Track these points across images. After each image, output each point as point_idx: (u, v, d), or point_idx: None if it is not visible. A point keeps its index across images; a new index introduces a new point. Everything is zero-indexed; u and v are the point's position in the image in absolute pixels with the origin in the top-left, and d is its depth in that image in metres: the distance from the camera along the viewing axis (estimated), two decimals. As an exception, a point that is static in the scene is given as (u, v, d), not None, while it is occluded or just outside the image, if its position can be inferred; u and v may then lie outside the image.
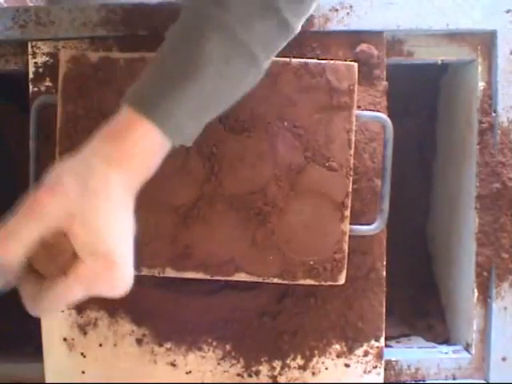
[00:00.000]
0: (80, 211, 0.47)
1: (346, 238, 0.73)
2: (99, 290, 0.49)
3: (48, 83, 0.81)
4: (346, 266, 0.74)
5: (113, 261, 0.48)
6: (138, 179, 0.53)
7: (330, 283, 0.74)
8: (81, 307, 0.82)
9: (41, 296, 0.48)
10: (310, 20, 0.80)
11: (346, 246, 0.73)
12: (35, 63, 0.82)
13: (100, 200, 0.48)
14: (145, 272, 0.74)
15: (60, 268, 0.48)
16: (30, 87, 0.82)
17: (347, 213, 0.73)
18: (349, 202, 0.73)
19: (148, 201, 0.72)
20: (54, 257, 0.48)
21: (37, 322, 0.83)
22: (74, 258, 0.48)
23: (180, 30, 0.56)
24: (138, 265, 0.74)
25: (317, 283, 0.74)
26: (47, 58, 0.81)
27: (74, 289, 0.48)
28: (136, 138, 0.51)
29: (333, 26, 0.80)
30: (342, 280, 0.74)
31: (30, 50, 0.81)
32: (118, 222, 0.49)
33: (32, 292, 0.49)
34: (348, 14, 0.80)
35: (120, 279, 0.50)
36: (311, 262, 0.73)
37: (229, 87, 0.56)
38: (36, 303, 0.49)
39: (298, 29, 0.59)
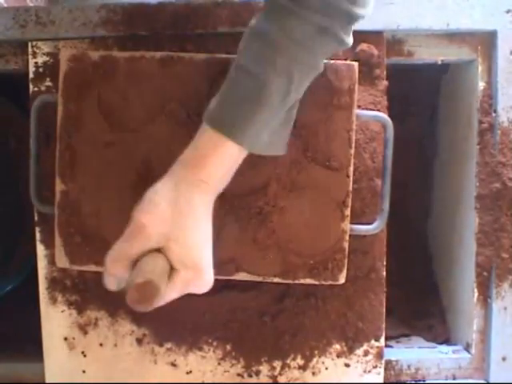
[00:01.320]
0: (173, 231, 0.58)
1: (347, 237, 0.73)
2: (190, 291, 0.60)
3: (48, 83, 0.81)
4: (346, 265, 0.74)
5: (200, 269, 0.59)
6: (216, 193, 0.62)
7: (330, 282, 0.74)
8: (81, 307, 0.83)
9: None
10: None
11: (346, 245, 0.73)
12: (35, 63, 0.82)
13: (188, 220, 0.59)
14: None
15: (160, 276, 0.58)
16: (30, 87, 0.82)
17: (347, 212, 0.73)
18: (349, 201, 0.73)
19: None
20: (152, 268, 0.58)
21: (37, 322, 0.83)
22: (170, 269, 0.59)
23: (253, 55, 0.60)
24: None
25: (317, 282, 0.74)
26: (47, 58, 0.81)
27: (172, 292, 0.59)
28: (220, 158, 0.60)
29: (333, 26, 0.80)
30: (342, 279, 0.74)
31: (30, 49, 0.81)
32: (202, 236, 0.60)
33: None
34: (348, 13, 0.80)
35: (206, 282, 0.60)
36: (311, 262, 0.73)
37: (291, 98, 0.62)
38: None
39: (351, 41, 0.64)
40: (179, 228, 0.58)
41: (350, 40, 0.63)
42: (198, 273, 0.59)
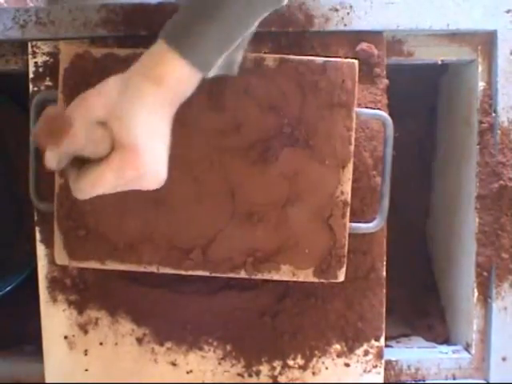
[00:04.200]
0: (117, 109, 0.56)
1: (346, 235, 0.73)
2: (128, 178, 0.56)
3: (48, 83, 0.81)
4: (345, 262, 0.74)
5: (138, 154, 0.56)
6: (170, 96, 0.58)
7: (330, 280, 0.74)
8: (81, 307, 0.83)
9: (80, 177, 0.57)
10: (310, 20, 0.80)
11: (346, 242, 0.73)
12: (35, 63, 0.82)
13: (134, 105, 0.56)
14: (143, 268, 0.74)
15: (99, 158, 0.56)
16: (30, 87, 0.82)
17: (347, 209, 0.73)
18: (349, 199, 0.73)
19: (147, 199, 0.73)
20: (96, 146, 0.56)
21: (37, 322, 0.83)
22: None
23: None
24: (138, 262, 0.74)
25: (317, 280, 0.74)
26: (47, 58, 0.82)
27: (106, 174, 0.56)
28: (167, 69, 0.57)
29: (333, 25, 0.81)
30: (341, 277, 0.74)
31: (30, 49, 0.81)
32: (148, 125, 0.57)
33: (74, 174, 0.58)
34: (348, 13, 0.81)
35: (148, 172, 0.57)
36: (311, 259, 0.73)
37: (248, 22, 0.60)
38: (77, 184, 0.57)
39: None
40: (125, 109, 0.56)
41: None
42: (134, 158, 0.55)
